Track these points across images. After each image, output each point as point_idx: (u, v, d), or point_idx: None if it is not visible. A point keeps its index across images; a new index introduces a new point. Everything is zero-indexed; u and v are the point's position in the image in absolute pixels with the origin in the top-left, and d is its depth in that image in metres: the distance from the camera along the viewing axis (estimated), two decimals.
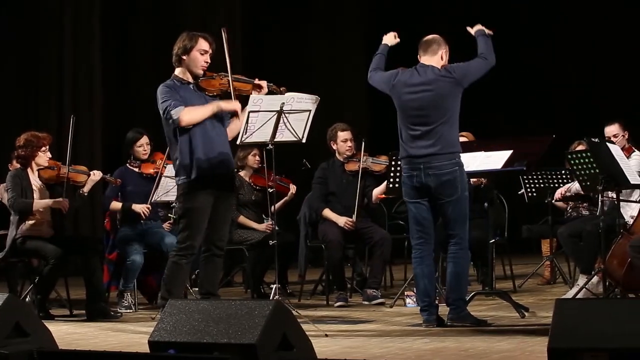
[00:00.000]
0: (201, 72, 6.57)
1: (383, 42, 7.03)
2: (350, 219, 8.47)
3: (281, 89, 6.69)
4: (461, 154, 6.64)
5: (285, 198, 9.22)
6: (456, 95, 6.58)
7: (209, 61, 6.59)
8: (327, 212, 8.60)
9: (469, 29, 6.86)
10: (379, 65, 6.90)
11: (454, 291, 6.63)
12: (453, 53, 6.75)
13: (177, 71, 6.63)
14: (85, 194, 8.06)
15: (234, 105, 6.56)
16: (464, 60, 6.67)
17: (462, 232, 6.63)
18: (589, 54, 14.89)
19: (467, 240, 6.67)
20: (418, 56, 6.74)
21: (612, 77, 14.35)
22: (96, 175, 8.03)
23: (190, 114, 6.44)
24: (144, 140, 8.45)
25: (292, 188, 9.19)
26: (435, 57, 6.65)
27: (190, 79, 6.60)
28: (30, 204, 7.69)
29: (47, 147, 7.87)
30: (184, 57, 6.57)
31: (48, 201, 7.79)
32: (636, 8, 13.93)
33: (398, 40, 7.02)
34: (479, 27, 6.83)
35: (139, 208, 8.26)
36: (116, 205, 8.39)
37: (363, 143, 8.64)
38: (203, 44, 6.55)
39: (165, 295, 6.42)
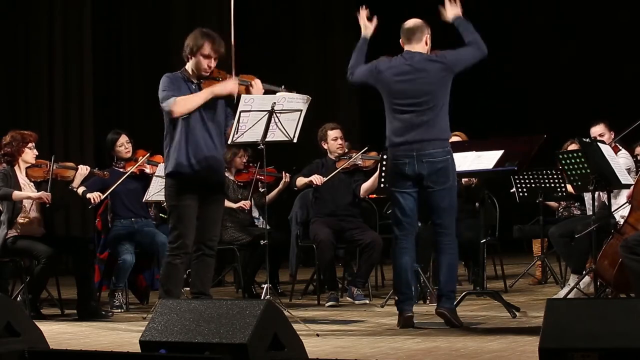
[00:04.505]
0: (204, 74, 6.57)
1: (362, 36, 6.81)
2: (320, 176, 8.51)
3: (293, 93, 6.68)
4: (452, 154, 6.60)
5: (279, 187, 9.18)
6: (447, 82, 6.48)
7: (212, 66, 6.55)
8: (300, 179, 8.65)
9: (442, 11, 6.67)
10: (357, 62, 6.69)
11: (450, 283, 6.59)
12: (445, 40, 6.66)
13: (187, 65, 6.63)
14: (76, 189, 8.03)
15: (228, 87, 6.49)
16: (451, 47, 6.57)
17: (451, 221, 6.57)
18: (588, 54, 14.91)
19: (454, 230, 6.62)
20: (401, 42, 6.62)
21: (611, 77, 14.37)
22: (84, 169, 8.00)
23: (182, 105, 6.43)
24: (123, 139, 8.43)
25: (285, 176, 9.09)
26: (420, 44, 6.57)
27: (194, 79, 6.59)
28: (9, 193, 7.60)
29: (34, 144, 7.84)
30: (190, 57, 6.58)
31: (29, 193, 7.70)
32: (636, 8, 13.96)
33: (374, 22, 6.82)
34: (455, 12, 6.65)
35: (90, 195, 8.02)
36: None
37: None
38: (207, 49, 6.50)
39: (163, 295, 6.41)
